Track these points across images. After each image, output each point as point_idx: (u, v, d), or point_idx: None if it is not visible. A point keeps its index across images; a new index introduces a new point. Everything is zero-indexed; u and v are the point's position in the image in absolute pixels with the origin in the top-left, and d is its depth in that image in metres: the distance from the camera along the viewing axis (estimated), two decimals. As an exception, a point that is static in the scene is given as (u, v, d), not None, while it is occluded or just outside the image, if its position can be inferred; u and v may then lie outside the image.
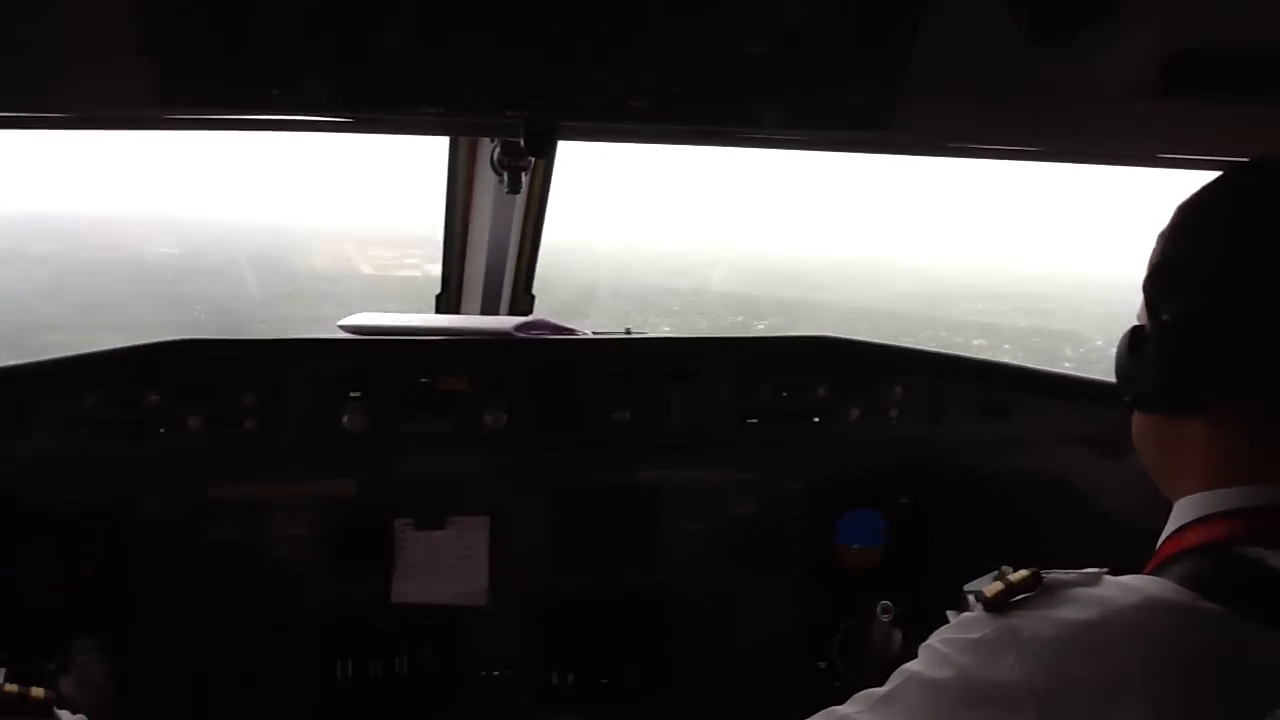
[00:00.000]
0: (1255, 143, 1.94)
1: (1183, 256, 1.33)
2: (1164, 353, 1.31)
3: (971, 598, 2.60)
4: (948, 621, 2.55)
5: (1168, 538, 1.36)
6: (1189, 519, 1.33)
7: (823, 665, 2.92)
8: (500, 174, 2.50)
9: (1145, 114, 1.97)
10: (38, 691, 1.86)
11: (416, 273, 3.25)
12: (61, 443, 2.51)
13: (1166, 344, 1.31)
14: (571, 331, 2.91)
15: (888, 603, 2.59)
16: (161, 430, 2.55)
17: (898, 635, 2.58)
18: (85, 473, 2.56)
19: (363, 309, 2.95)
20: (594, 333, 3.00)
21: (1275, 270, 1.24)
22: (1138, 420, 1.45)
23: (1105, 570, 1.27)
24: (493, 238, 3.02)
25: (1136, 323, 1.42)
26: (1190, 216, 1.36)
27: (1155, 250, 1.39)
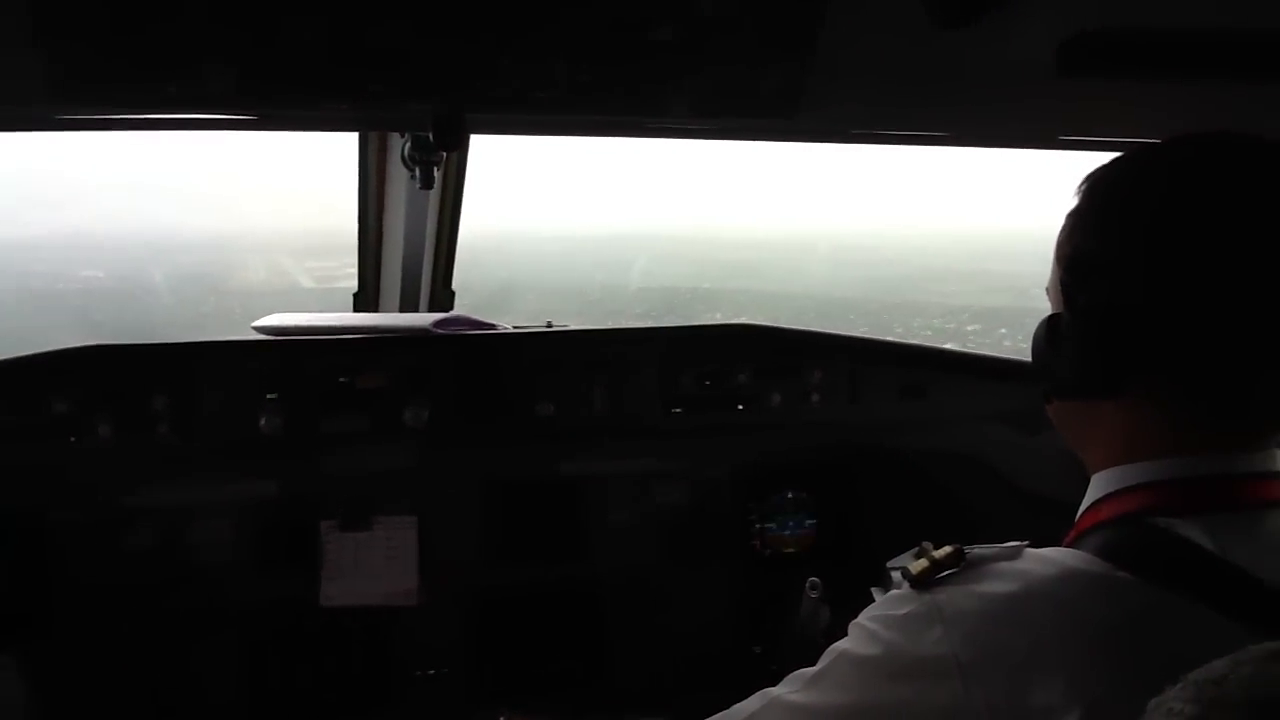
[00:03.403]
0: (1151, 123, 2.00)
1: (1099, 245, 1.33)
2: (1082, 342, 1.33)
3: (898, 575, 2.65)
4: (872, 597, 2.61)
5: (1085, 511, 1.38)
6: (1104, 493, 1.35)
7: (757, 650, 2.95)
8: (412, 170, 2.48)
9: (1045, 95, 2.01)
10: None
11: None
12: None
13: (1085, 333, 1.33)
14: (492, 326, 2.90)
15: (815, 579, 2.61)
16: (71, 439, 2.49)
17: (826, 611, 2.61)
18: None
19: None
20: (514, 326, 3.00)
21: (1191, 256, 1.26)
22: (1054, 405, 1.48)
23: (1026, 544, 1.30)
24: (408, 235, 2.99)
25: (1051, 310, 1.43)
26: (1103, 202, 1.37)
27: (1067, 233, 1.40)
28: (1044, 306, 1.48)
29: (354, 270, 3.20)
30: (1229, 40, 1.82)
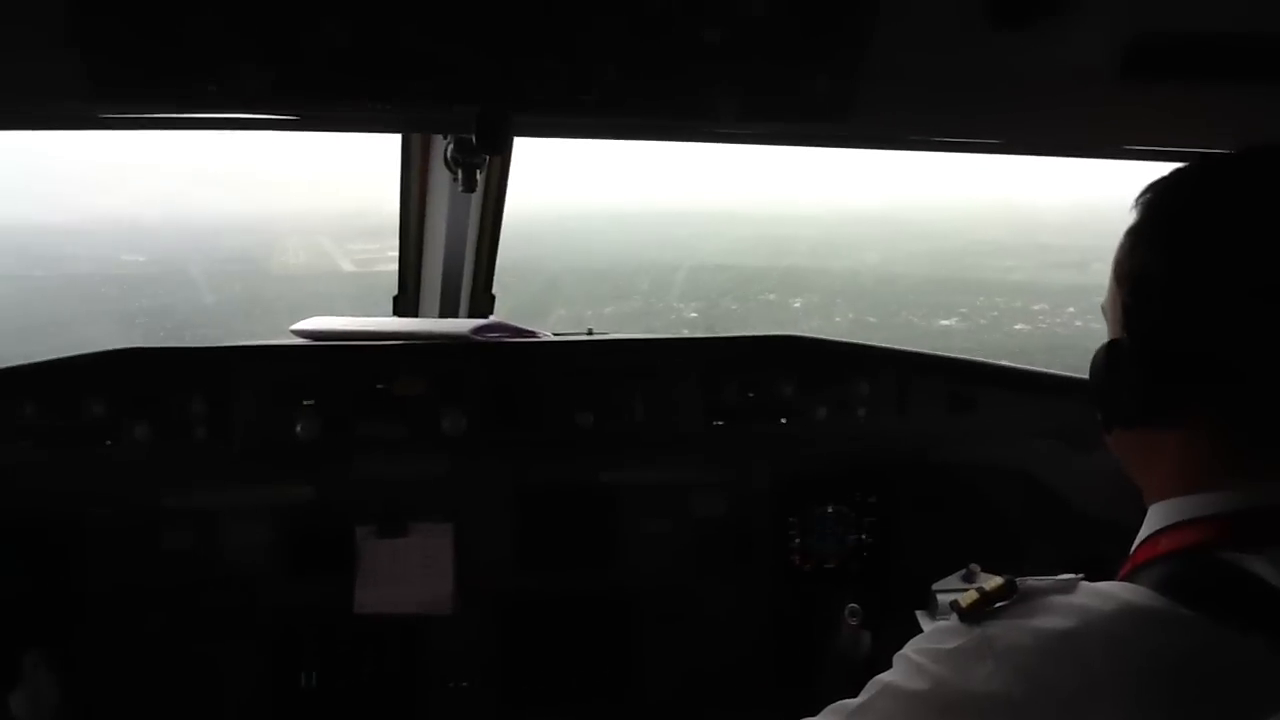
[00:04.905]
0: (1222, 131, 1.93)
1: (1161, 265, 1.27)
2: (1145, 370, 1.27)
3: (944, 599, 2.61)
4: (915, 621, 2.55)
5: (1142, 543, 1.33)
6: (1163, 524, 1.29)
7: (791, 666, 2.90)
8: (454, 172, 2.45)
9: (1108, 101, 1.95)
10: None
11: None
12: (5, 454, 2.46)
13: (1148, 361, 1.27)
14: (531, 334, 2.87)
15: (855, 606, 2.57)
16: (108, 442, 2.51)
17: (866, 637, 2.57)
18: (31, 483, 2.52)
19: (349, 309, 2.90)
20: (554, 334, 2.97)
21: (1260, 279, 1.20)
22: (1115, 434, 1.41)
23: (1080, 576, 1.25)
24: (449, 238, 2.97)
25: (1110, 336, 1.37)
26: (1166, 217, 1.31)
27: (1126, 251, 1.34)
28: (1101, 283, 1.41)
29: (394, 253, 3.19)
30: None
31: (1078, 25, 1.70)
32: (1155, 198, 1.32)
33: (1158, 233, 1.30)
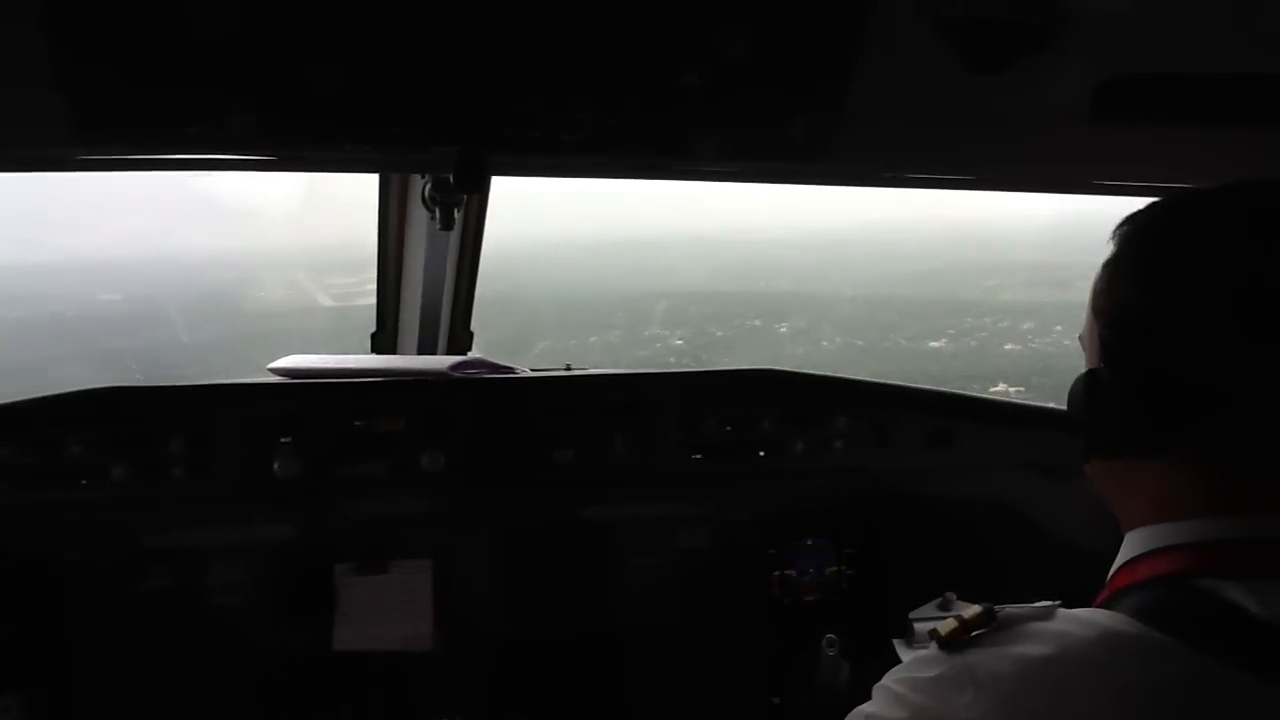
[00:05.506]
0: (1188, 167, 1.96)
1: (1141, 298, 1.28)
2: (1128, 401, 1.27)
3: (920, 627, 2.61)
4: (894, 650, 2.55)
5: (1118, 570, 1.32)
6: (1142, 550, 1.29)
7: (776, 700, 2.89)
8: (432, 211, 2.45)
9: (1079, 140, 1.98)
10: None
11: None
12: None
13: (1129, 393, 1.27)
14: (510, 370, 2.87)
15: (832, 636, 2.57)
16: (84, 481, 2.49)
17: (845, 668, 2.56)
18: (8, 524, 2.49)
19: (328, 346, 2.89)
20: (532, 370, 2.97)
21: (1254, 312, 1.20)
22: (1094, 463, 1.42)
23: (1058, 603, 1.25)
24: (428, 275, 2.97)
25: (1089, 366, 1.37)
26: (1144, 251, 1.31)
27: (1105, 284, 1.34)
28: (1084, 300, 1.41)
29: (374, 286, 3.18)
30: (1266, 85, 1.79)
31: (1052, 68, 1.72)
32: (1136, 231, 1.32)
33: (1143, 265, 1.30)
